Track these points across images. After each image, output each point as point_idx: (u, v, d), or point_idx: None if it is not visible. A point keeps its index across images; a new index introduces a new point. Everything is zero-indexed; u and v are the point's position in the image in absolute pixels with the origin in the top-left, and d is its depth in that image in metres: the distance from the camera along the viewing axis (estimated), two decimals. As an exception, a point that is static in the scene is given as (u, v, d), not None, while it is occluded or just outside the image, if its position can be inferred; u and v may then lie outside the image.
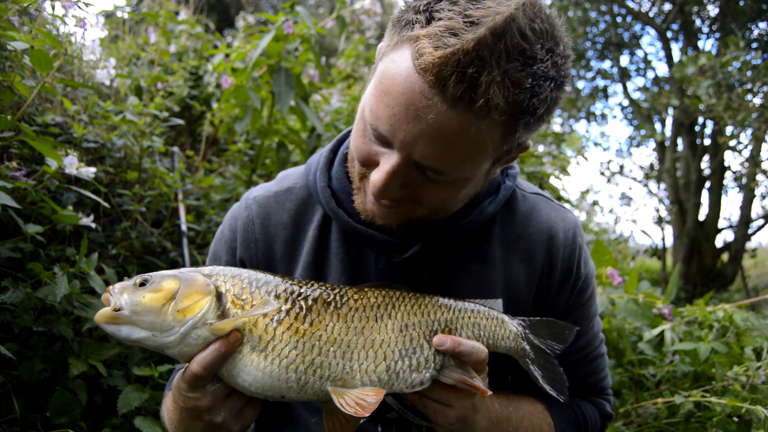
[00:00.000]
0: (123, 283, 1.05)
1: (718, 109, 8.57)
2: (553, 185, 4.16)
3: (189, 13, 4.03)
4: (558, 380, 1.24)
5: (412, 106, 0.96)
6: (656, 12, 14.41)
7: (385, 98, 1.00)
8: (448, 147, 0.99)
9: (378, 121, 1.02)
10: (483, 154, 1.03)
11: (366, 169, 1.12)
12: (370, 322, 1.09)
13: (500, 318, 1.22)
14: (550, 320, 1.27)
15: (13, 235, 1.88)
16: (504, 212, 1.33)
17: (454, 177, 1.06)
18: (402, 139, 1.00)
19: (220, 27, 7.89)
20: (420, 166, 1.03)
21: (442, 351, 1.08)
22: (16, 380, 1.75)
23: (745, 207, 12.68)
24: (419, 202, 1.11)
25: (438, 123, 0.95)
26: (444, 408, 1.11)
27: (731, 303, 2.69)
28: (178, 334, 1.00)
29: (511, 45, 0.92)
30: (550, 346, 1.26)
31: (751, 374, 2.10)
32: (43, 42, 1.81)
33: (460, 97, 0.92)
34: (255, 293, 1.06)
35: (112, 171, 2.53)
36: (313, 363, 1.04)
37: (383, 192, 1.07)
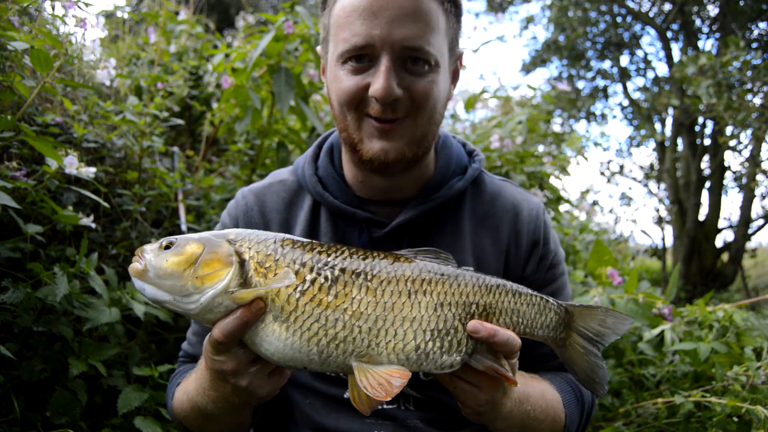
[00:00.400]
0: (150, 245, 1.05)
1: (718, 109, 8.57)
2: (553, 185, 4.16)
3: (189, 13, 4.03)
4: (598, 376, 1.18)
5: (376, 6, 1.21)
6: (656, 12, 14.40)
7: (351, 20, 1.23)
8: (417, 22, 1.22)
9: (355, 38, 1.23)
10: (441, 32, 1.29)
11: (357, 110, 1.29)
12: (402, 297, 1.03)
13: (542, 305, 1.14)
14: (606, 309, 1.19)
15: (13, 235, 1.88)
16: (473, 192, 1.50)
17: (431, 55, 1.25)
18: (380, 34, 1.21)
19: (220, 27, 7.89)
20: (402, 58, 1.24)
21: (476, 338, 1.05)
22: (16, 380, 1.75)
23: (745, 207, 12.67)
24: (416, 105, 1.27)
25: (398, 5, 1.20)
26: (474, 390, 1.09)
27: (731, 303, 2.69)
28: (199, 303, 0.99)
29: None
30: (599, 336, 1.18)
31: (751, 374, 2.10)
32: (43, 42, 1.81)
33: None
34: (279, 261, 1.02)
35: (112, 171, 2.53)
36: (336, 337, 1.00)
37: (388, 90, 1.22)
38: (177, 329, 2.52)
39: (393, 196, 1.44)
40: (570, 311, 1.18)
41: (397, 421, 1.36)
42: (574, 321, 1.18)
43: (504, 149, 3.80)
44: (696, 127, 13.36)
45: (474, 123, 4.81)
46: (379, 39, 1.21)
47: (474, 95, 4.50)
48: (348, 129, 1.33)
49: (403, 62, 1.25)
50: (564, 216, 4.46)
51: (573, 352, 1.18)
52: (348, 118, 1.31)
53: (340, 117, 1.34)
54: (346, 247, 1.08)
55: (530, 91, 5.06)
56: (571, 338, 1.18)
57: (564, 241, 3.60)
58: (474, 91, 4.60)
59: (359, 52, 1.24)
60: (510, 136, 3.88)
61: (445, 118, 5.14)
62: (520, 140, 3.89)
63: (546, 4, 15.55)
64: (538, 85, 7.03)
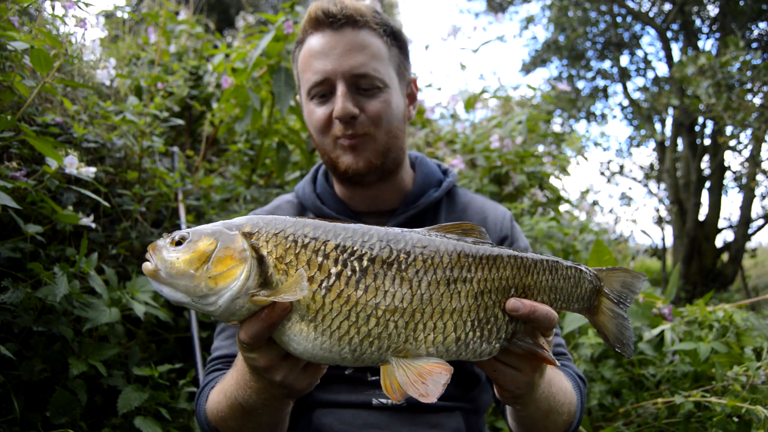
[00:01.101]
0: (161, 240, 0.98)
1: (718, 109, 8.57)
2: (553, 185, 4.16)
3: (189, 13, 4.03)
4: (626, 336, 1.18)
5: (326, 47, 1.52)
6: (656, 12, 14.41)
7: (310, 62, 1.55)
8: (360, 53, 1.52)
9: (315, 76, 1.54)
10: (384, 58, 1.57)
11: (328, 133, 1.57)
12: (440, 287, 0.95)
13: (578, 276, 1.11)
14: (620, 268, 1.18)
15: (13, 235, 1.88)
16: (447, 203, 1.74)
17: (377, 78, 1.53)
18: (332, 68, 1.51)
19: (220, 27, 7.89)
20: (354, 84, 1.52)
21: (516, 316, 1.01)
22: (16, 380, 1.74)
23: (745, 207, 12.68)
24: (373, 122, 1.53)
25: (344, 43, 1.51)
26: (514, 373, 1.09)
27: (731, 303, 2.68)
28: (218, 305, 0.92)
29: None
30: (624, 298, 1.18)
31: (751, 374, 2.10)
32: (43, 42, 1.81)
33: (341, 12, 1.52)
34: (300, 254, 0.94)
35: (112, 171, 2.52)
36: (369, 334, 0.92)
37: (345, 109, 1.50)
38: (177, 329, 2.52)
39: (379, 207, 1.69)
40: (600, 277, 1.16)
41: None
42: (603, 286, 1.16)
43: (504, 149, 3.80)
44: (696, 127, 13.37)
45: (474, 123, 4.81)
46: (332, 72, 1.51)
47: (474, 95, 4.50)
48: (326, 151, 1.61)
49: (356, 87, 1.53)
50: (564, 216, 4.45)
51: (604, 317, 1.17)
52: (324, 142, 1.59)
53: (318, 143, 1.62)
54: (374, 230, 0.99)
55: (530, 91, 5.07)
56: (602, 304, 1.17)
57: (564, 241, 3.60)
58: (474, 91, 4.59)
59: (320, 87, 1.54)
60: (510, 136, 3.88)
61: (445, 118, 5.12)
62: (520, 140, 3.89)
63: (546, 4, 15.55)
64: (538, 85, 7.03)
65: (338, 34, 1.53)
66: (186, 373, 2.33)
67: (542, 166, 4.03)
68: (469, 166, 3.99)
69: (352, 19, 1.54)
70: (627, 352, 1.17)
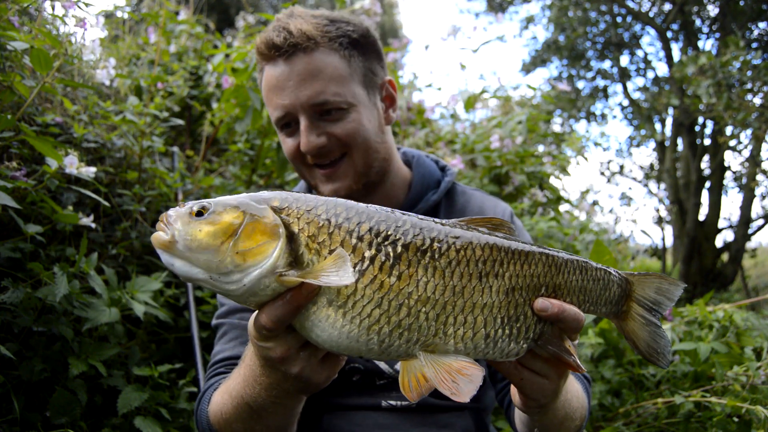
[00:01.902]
0: (178, 209, 0.89)
1: (718, 109, 8.57)
2: (553, 185, 4.16)
3: (189, 13, 4.03)
4: (661, 345, 1.12)
5: (281, 80, 1.46)
6: (656, 12, 14.41)
7: (270, 97, 1.50)
8: (315, 80, 1.44)
9: (276, 112, 1.49)
10: (344, 77, 1.48)
11: (303, 163, 1.55)
12: (473, 280, 0.91)
13: (606, 279, 1.06)
14: (655, 274, 1.13)
15: (13, 235, 1.88)
16: (446, 203, 1.68)
17: (339, 102, 1.45)
18: (290, 102, 1.45)
19: (220, 27, 7.88)
20: (316, 113, 1.46)
21: (544, 317, 0.97)
22: (16, 380, 1.74)
23: (745, 207, 12.68)
24: (344, 144, 1.48)
25: (297, 73, 1.44)
26: (541, 380, 1.04)
27: (731, 303, 2.68)
28: (242, 284, 0.85)
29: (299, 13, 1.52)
30: (657, 305, 1.12)
31: (751, 374, 2.10)
32: (43, 42, 1.81)
33: (286, 42, 1.43)
34: (334, 234, 0.87)
35: (112, 171, 2.52)
36: (400, 325, 0.87)
37: (309, 144, 1.46)
38: (177, 329, 2.52)
39: None
40: (630, 281, 1.11)
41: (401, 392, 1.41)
42: (634, 291, 1.11)
43: (504, 149, 3.80)
44: (696, 127, 13.37)
45: (474, 123, 4.81)
46: (291, 106, 1.47)
47: (474, 95, 4.50)
48: (305, 177, 1.60)
49: (320, 115, 1.48)
50: (564, 216, 4.46)
51: (634, 323, 1.11)
52: (302, 170, 1.58)
53: (297, 170, 1.60)
54: (407, 217, 0.93)
55: (530, 91, 5.07)
56: (632, 309, 1.11)
57: (564, 241, 3.60)
58: (474, 91, 4.59)
59: (283, 121, 1.51)
60: (510, 136, 3.88)
61: (445, 118, 5.12)
62: (520, 140, 3.89)
63: (546, 4, 15.55)
64: (538, 85, 7.03)
65: (290, 63, 1.45)
66: (186, 373, 2.33)
67: (542, 166, 4.03)
68: (469, 166, 3.99)
69: (300, 46, 1.45)
70: (662, 362, 1.11)
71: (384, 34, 3.55)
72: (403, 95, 4.02)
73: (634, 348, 1.12)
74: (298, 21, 1.47)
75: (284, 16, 1.52)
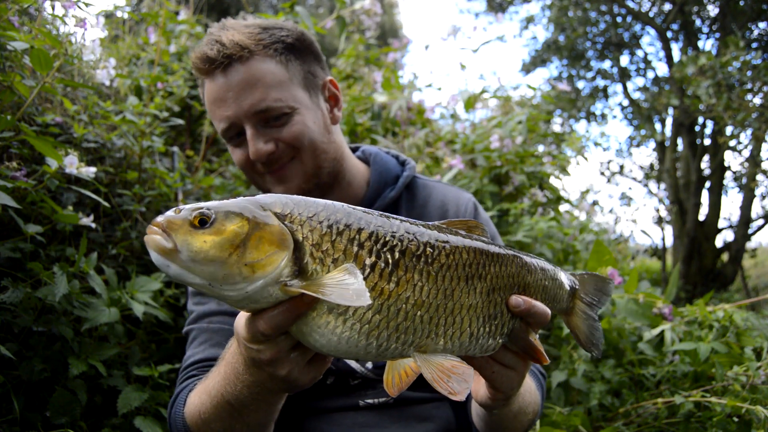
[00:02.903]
0: (175, 216, 0.84)
1: (718, 109, 8.57)
2: (553, 185, 4.16)
3: (189, 13, 4.03)
4: (597, 337, 1.23)
5: (221, 92, 1.48)
6: (656, 12, 14.41)
7: (213, 110, 1.52)
8: (255, 88, 1.46)
9: (221, 124, 1.51)
10: (283, 81, 1.49)
11: (253, 171, 1.56)
12: (461, 283, 0.96)
13: (560, 279, 1.16)
14: (592, 274, 1.25)
15: (13, 235, 1.88)
16: (407, 198, 1.69)
17: (281, 107, 1.47)
18: (233, 112, 1.47)
19: (220, 27, 7.87)
20: (261, 120, 1.48)
21: (516, 312, 1.03)
22: (16, 380, 1.74)
23: (745, 207, 12.68)
24: (293, 146, 1.51)
25: (236, 84, 1.46)
26: (510, 372, 1.10)
27: (731, 303, 2.68)
28: (244, 292, 0.84)
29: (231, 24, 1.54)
30: (596, 301, 1.24)
31: (751, 374, 2.10)
32: (43, 42, 1.80)
33: (220, 54, 1.45)
34: (336, 242, 0.87)
35: (112, 171, 2.52)
36: (398, 329, 0.90)
37: (258, 152, 1.48)
38: (177, 329, 2.52)
39: None
40: (576, 280, 1.21)
41: (378, 388, 1.49)
42: (578, 289, 1.21)
43: (504, 149, 3.80)
44: (696, 127, 13.37)
45: (474, 123, 4.81)
46: (234, 117, 1.48)
47: (474, 95, 4.50)
48: (258, 185, 1.62)
49: (264, 122, 1.50)
50: (564, 216, 4.46)
51: (577, 318, 1.22)
52: (254, 178, 1.60)
53: (248, 178, 1.63)
54: (398, 221, 0.95)
55: (530, 91, 5.06)
56: (576, 306, 1.22)
57: (564, 241, 3.60)
58: (474, 91, 4.59)
59: (229, 133, 1.53)
60: (510, 136, 3.88)
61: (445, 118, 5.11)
62: (520, 140, 3.88)
63: (546, 4, 15.55)
64: (538, 85, 7.03)
65: (228, 75, 1.47)
66: (186, 373, 2.33)
67: (542, 166, 4.03)
68: (469, 166, 3.99)
69: (235, 57, 1.46)
70: (596, 352, 1.22)
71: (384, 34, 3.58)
72: (404, 95, 4.02)
73: (577, 340, 1.23)
74: (230, 32, 1.49)
75: (216, 30, 1.53)
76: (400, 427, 1.48)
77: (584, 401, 2.60)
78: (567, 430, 2.31)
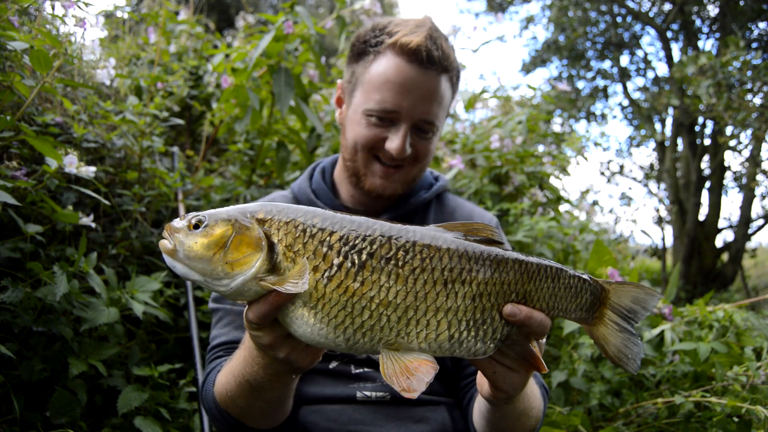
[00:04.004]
0: (178, 222, 1.02)
1: (718, 109, 8.57)
2: (553, 185, 4.16)
3: (189, 13, 4.02)
4: (632, 352, 1.14)
5: (408, 83, 1.54)
6: (656, 12, 14.41)
7: (386, 87, 1.55)
8: (434, 101, 1.58)
9: (385, 104, 1.55)
10: (446, 106, 1.65)
11: (369, 152, 1.63)
12: (437, 286, 0.99)
13: (579, 286, 1.12)
14: (636, 284, 1.17)
15: (13, 235, 1.88)
16: (437, 205, 1.82)
17: (436, 127, 1.62)
18: (407, 107, 1.55)
19: (220, 27, 7.89)
20: (417, 127, 1.60)
21: (512, 321, 1.04)
22: (16, 380, 1.75)
23: (745, 207, 12.68)
24: (416, 158, 1.64)
25: (425, 87, 1.55)
26: (512, 374, 1.10)
27: (731, 303, 2.68)
28: (230, 287, 0.98)
29: (440, 33, 1.63)
30: (632, 313, 1.16)
31: (751, 374, 2.10)
32: (43, 42, 1.81)
33: (440, 61, 1.56)
34: (308, 244, 0.99)
35: (112, 171, 2.52)
36: (363, 326, 0.97)
37: (403, 152, 1.57)
38: (177, 329, 2.52)
39: (375, 207, 1.74)
40: (606, 289, 1.15)
41: (377, 381, 1.55)
42: (609, 298, 1.15)
43: (504, 149, 3.79)
44: (696, 127, 13.37)
45: (474, 123, 4.80)
46: (405, 110, 1.56)
47: (474, 95, 4.50)
48: (356, 162, 1.66)
49: (418, 130, 1.61)
50: (564, 216, 4.45)
51: (605, 329, 1.15)
52: (358, 154, 1.64)
53: (351, 151, 1.66)
54: (379, 225, 1.02)
55: (530, 91, 5.06)
56: (605, 316, 1.15)
57: (564, 241, 3.60)
58: (474, 91, 4.59)
59: (381, 114, 1.57)
60: (510, 136, 3.88)
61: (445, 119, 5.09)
62: (520, 140, 3.88)
63: (546, 4, 15.55)
64: (538, 85, 7.03)
65: (424, 75, 1.55)
66: (186, 373, 2.33)
67: (542, 166, 4.03)
68: (469, 166, 3.98)
69: (440, 66, 1.57)
70: (631, 366, 1.14)
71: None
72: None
73: (603, 352, 1.16)
74: (445, 43, 1.61)
75: (433, 29, 1.60)
76: (395, 427, 1.50)
77: (584, 401, 2.60)
78: (567, 430, 2.31)
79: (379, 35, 1.61)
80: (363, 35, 1.66)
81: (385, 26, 1.62)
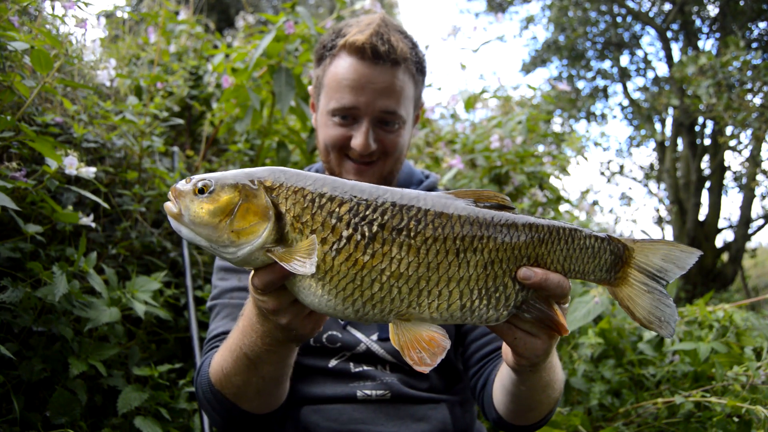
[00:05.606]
0: (184, 185, 0.99)
1: (718, 109, 8.57)
2: (553, 185, 4.16)
3: (189, 13, 4.02)
4: (665, 313, 1.08)
5: (362, 80, 1.57)
6: (656, 12, 14.41)
7: (342, 86, 1.59)
8: (392, 95, 1.60)
9: (343, 101, 1.59)
10: (409, 96, 1.66)
11: (340, 152, 1.66)
12: (449, 256, 0.96)
13: (597, 246, 1.07)
14: (668, 242, 1.10)
15: (13, 235, 1.88)
16: None
17: (401, 117, 1.63)
18: (364, 102, 1.58)
19: (220, 27, 7.88)
20: (380, 121, 1.62)
21: (528, 285, 1.01)
22: (16, 380, 1.74)
23: (745, 207, 12.68)
24: (385, 152, 1.65)
25: (380, 81, 1.58)
26: (532, 339, 1.08)
27: (731, 303, 2.68)
28: (236, 255, 0.96)
29: (392, 26, 1.65)
30: (662, 272, 1.09)
31: (751, 374, 2.10)
32: (43, 42, 1.81)
33: (387, 54, 1.57)
34: (316, 215, 0.96)
35: (112, 171, 2.52)
36: (372, 298, 0.95)
37: (366, 147, 1.60)
38: (177, 329, 2.52)
39: None
40: (630, 248, 1.09)
41: (377, 380, 1.55)
42: (633, 257, 1.09)
43: (504, 149, 3.80)
44: (696, 127, 13.37)
45: (474, 123, 4.80)
46: (363, 106, 1.59)
47: (474, 95, 4.50)
48: (330, 163, 1.70)
49: (380, 124, 1.63)
50: (564, 216, 4.45)
51: (631, 290, 1.10)
52: (331, 155, 1.68)
53: (324, 153, 1.70)
54: (390, 194, 0.99)
55: (530, 91, 5.06)
56: (630, 276, 1.10)
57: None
58: (474, 91, 4.59)
59: (344, 113, 1.61)
60: (510, 136, 3.88)
61: (445, 118, 5.11)
62: (520, 140, 3.88)
63: (546, 4, 15.56)
64: (538, 85, 7.03)
65: (377, 70, 1.58)
66: (186, 373, 2.33)
67: (542, 166, 4.03)
68: (469, 166, 3.99)
69: (393, 61, 1.59)
70: (665, 330, 1.07)
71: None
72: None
73: (630, 315, 1.11)
74: (396, 36, 1.62)
75: (381, 25, 1.63)
76: (395, 426, 1.50)
77: (584, 401, 2.60)
78: (567, 430, 2.31)
79: (335, 38, 1.65)
80: (323, 40, 1.71)
81: (340, 29, 1.68)
